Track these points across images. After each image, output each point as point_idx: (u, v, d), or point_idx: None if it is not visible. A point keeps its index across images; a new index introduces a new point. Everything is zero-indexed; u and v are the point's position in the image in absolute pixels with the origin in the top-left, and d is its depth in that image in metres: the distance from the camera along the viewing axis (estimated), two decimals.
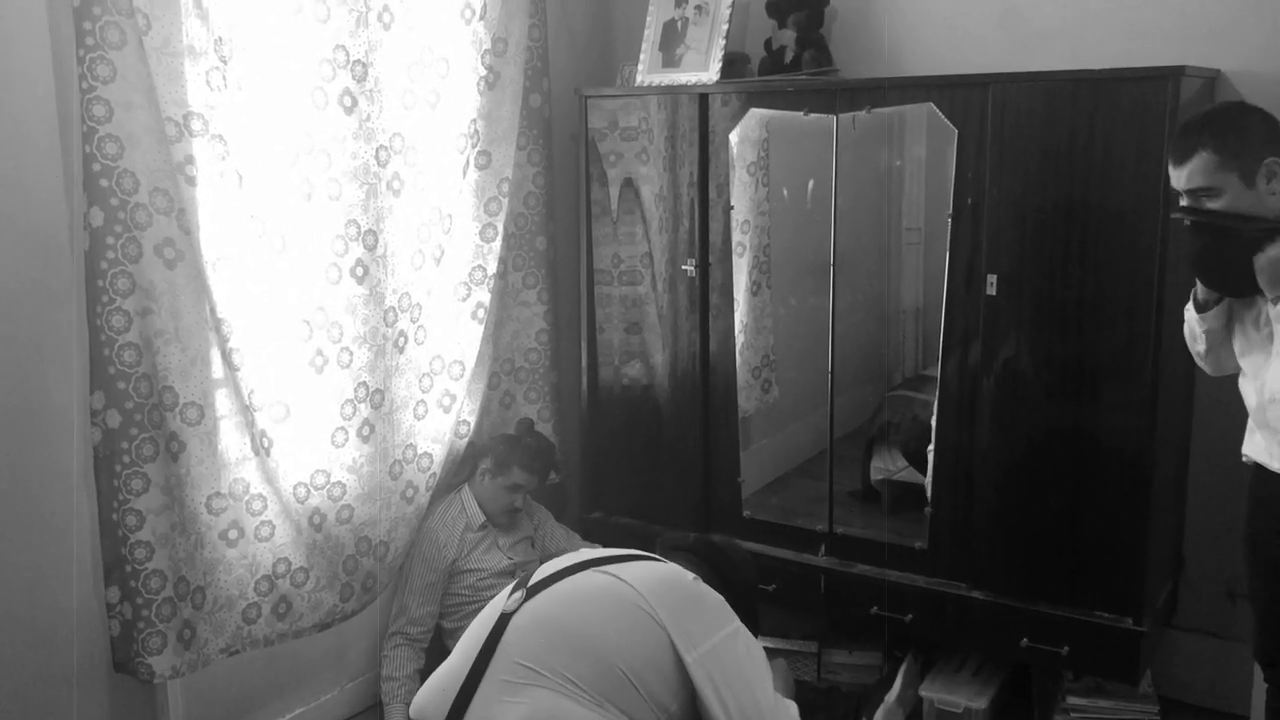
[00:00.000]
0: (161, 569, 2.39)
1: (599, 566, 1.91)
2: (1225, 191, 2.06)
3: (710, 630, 1.84)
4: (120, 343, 2.29)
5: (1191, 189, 2.10)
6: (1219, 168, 2.06)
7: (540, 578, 1.93)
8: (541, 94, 3.19)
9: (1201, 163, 2.07)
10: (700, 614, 1.85)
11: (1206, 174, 2.07)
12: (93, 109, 2.20)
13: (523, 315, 3.28)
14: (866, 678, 3.10)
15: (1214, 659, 2.90)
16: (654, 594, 1.83)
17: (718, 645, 1.82)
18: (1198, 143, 2.08)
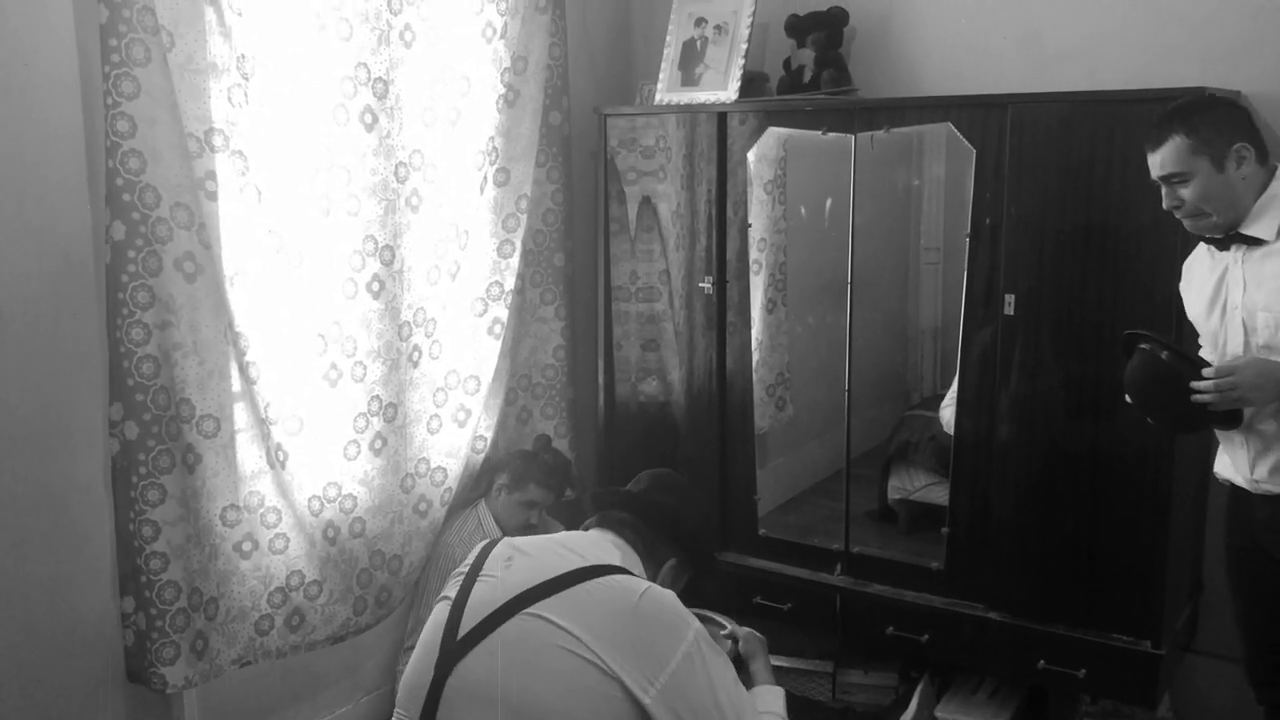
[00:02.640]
0: (176, 580, 2.41)
1: (532, 606, 1.72)
2: (1196, 176, 2.12)
3: (666, 657, 1.68)
4: (139, 355, 2.31)
5: (1165, 175, 2.16)
6: (1190, 152, 2.12)
7: (469, 627, 1.74)
8: (561, 112, 3.21)
9: (1174, 148, 2.13)
10: (652, 642, 1.69)
11: (1179, 159, 2.13)
12: (117, 124, 2.23)
13: (540, 331, 3.29)
14: (882, 698, 3.08)
15: (1233, 683, 2.85)
16: (598, 636, 1.67)
17: (676, 671, 1.67)
18: (1170, 129, 2.14)
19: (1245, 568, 2.33)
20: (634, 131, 3.17)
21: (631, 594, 1.72)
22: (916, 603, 2.86)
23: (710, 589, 3.03)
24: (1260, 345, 2.13)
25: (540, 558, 1.79)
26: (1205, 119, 2.13)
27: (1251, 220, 2.14)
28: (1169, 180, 2.16)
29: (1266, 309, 2.11)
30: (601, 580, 1.74)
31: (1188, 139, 2.12)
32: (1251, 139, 2.14)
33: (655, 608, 1.71)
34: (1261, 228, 2.13)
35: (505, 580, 1.77)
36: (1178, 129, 2.13)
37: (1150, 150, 2.18)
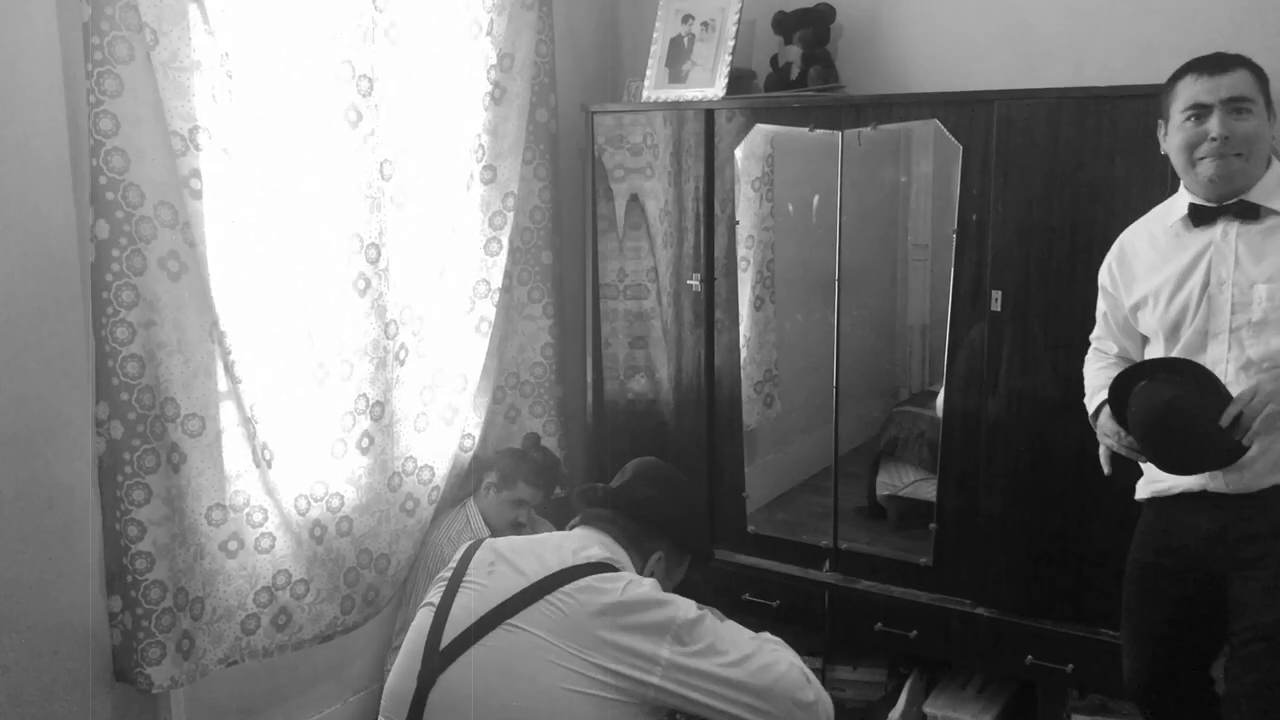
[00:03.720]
0: (162, 579, 2.40)
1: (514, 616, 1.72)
2: (1254, 114, 2.05)
3: (658, 637, 1.69)
4: (124, 354, 2.31)
5: (1232, 98, 2.04)
6: (1255, 86, 2.06)
7: (451, 638, 1.74)
8: (548, 109, 3.21)
9: (1242, 76, 2.05)
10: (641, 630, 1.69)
11: (1249, 86, 2.05)
12: (100, 123, 2.22)
13: (528, 329, 3.29)
14: (871, 694, 3.09)
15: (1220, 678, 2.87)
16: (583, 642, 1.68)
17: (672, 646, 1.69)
18: (1236, 60, 2.07)
19: (1160, 586, 2.26)
20: (621, 129, 3.17)
21: (611, 591, 1.72)
22: (905, 599, 2.87)
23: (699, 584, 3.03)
24: (1254, 321, 2.06)
25: (522, 563, 1.79)
26: (1259, 68, 2.09)
27: (1262, 194, 2.07)
28: (1234, 105, 2.04)
29: (1270, 280, 2.03)
30: (582, 583, 1.73)
31: (1253, 75, 2.06)
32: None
33: (635, 599, 1.72)
34: (1276, 201, 2.06)
35: (487, 589, 1.77)
36: (1244, 64, 2.06)
37: (1209, 74, 2.06)
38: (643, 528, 1.93)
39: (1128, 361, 2.31)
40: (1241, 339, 2.07)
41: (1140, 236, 2.25)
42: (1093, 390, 2.33)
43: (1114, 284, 2.29)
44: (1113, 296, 2.30)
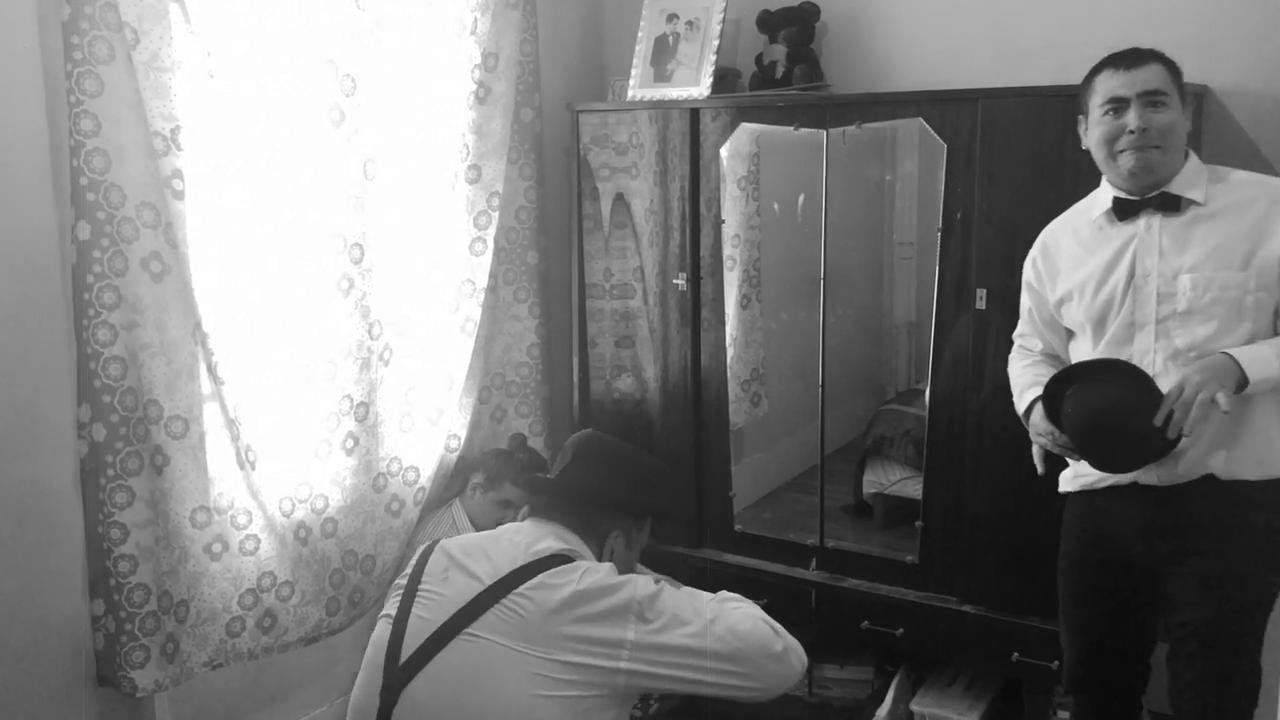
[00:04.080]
0: (145, 582, 2.38)
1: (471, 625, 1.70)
2: (1171, 105, 2.10)
3: (620, 622, 1.68)
4: (106, 356, 2.29)
5: (1148, 91, 2.09)
6: (1169, 80, 2.11)
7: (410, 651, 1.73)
8: (533, 108, 3.20)
9: (1157, 70, 2.10)
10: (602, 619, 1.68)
11: (1163, 79, 2.10)
12: (80, 123, 2.21)
13: (514, 329, 3.28)
14: (858, 692, 3.09)
15: None
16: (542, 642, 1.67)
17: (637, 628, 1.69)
18: (1150, 55, 2.12)
19: (1094, 580, 2.30)
20: (606, 128, 3.16)
21: (566, 585, 1.71)
22: (891, 596, 2.87)
23: None
24: (1179, 312, 2.10)
25: (474, 566, 1.77)
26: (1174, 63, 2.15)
27: (1182, 185, 2.12)
28: (1150, 98, 2.08)
29: (1194, 270, 2.08)
30: (535, 581, 1.72)
31: (1167, 70, 2.10)
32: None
33: (591, 587, 1.71)
34: (1195, 191, 2.11)
35: (443, 597, 1.75)
36: (1158, 58, 2.11)
37: (1125, 69, 2.11)
38: (591, 510, 1.89)
39: (1053, 357, 2.36)
40: (1168, 329, 2.12)
41: (1064, 231, 2.29)
42: (1021, 388, 2.36)
43: (1038, 279, 2.33)
44: (1037, 292, 2.34)
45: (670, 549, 3.17)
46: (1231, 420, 2.06)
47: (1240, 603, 2.12)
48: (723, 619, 1.75)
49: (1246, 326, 2.07)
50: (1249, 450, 2.10)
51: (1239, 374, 2.00)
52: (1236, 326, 2.07)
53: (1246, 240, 2.07)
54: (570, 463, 1.96)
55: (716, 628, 1.73)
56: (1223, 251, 2.08)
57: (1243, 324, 2.07)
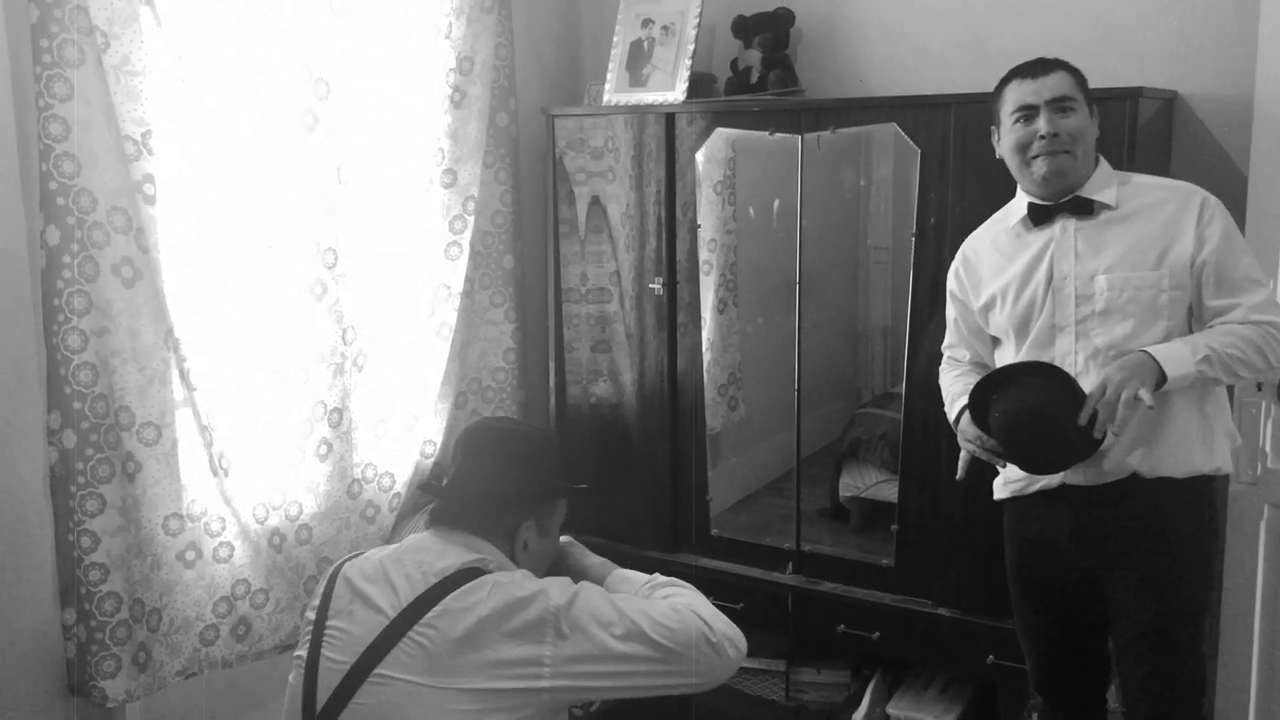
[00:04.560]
0: (117, 591, 2.36)
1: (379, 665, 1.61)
2: (1078, 110, 2.15)
3: (538, 639, 1.59)
4: (76, 362, 2.27)
5: (1054, 98, 2.14)
6: (1074, 87, 2.16)
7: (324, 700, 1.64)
8: (508, 113, 3.19)
9: (1062, 77, 2.16)
10: (518, 637, 1.59)
11: (1069, 86, 2.15)
12: (49, 127, 2.19)
13: (490, 334, 3.27)
14: (834, 696, 3.09)
15: None
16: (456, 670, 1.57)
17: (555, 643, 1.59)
18: (1055, 63, 2.17)
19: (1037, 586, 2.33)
20: (582, 132, 3.16)
21: (472, 608, 1.60)
22: (867, 600, 2.88)
23: None
24: (1097, 312, 2.14)
25: (377, 596, 1.67)
26: (1080, 71, 2.19)
27: (1093, 189, 2.17)
28: (1057, 104, 2.13)
29: (1109, 271, 2.13)
30: (440, 608, 1.61)
31: (1072, 77, 2.16)
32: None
33: (499, 606, 1.60)
34: (1106, 195, 2.16)
35: (349, 635, 1.66)
36: (1063, 66, 2.17)
37: (1032, 77, 2.16)
38: (492, 508, 1.76)
39: (980, 366, 2.40)
40: (1088, 330, 2.16)
41: (983, 242, 2.34)
42: (952, 398, 2.39)
43: (962, 289, 2.38)
44: (961, 302, 2.39)
45: (646, 553, 3.17)
46: (1152, 418, 2.10)
47: (1178, 602, 2.15)
48: (647, 614, 1.65)
49: (1162, 324, 2.12)
50: (1170, 447, 2.13)
51: (1158, 371, 2.04)
52: (1152, 324, 2.12)
53: (1158, 241, 2.12)
54: (459, 465, 1.81)
55: (644, 624, 1.63)
56: (1136, 252, 2.13)
57: (1158, 322, 2.12)
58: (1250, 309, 2.10)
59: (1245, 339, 2.07)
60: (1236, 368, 2.08)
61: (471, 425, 1.90)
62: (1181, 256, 2.11)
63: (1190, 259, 2.11)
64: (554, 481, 1.84)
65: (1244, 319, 2.09)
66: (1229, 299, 2.11)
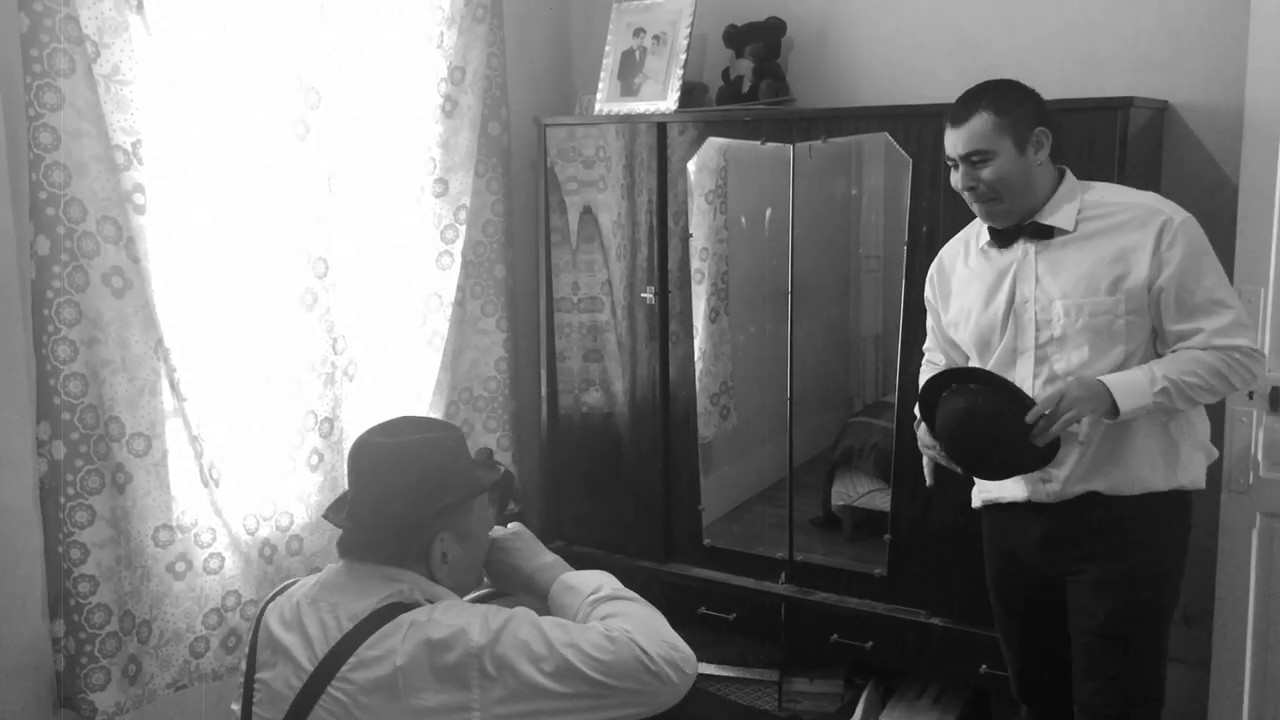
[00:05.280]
0: (106, 603, 2.35)
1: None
2: (999, 156, 2.10)
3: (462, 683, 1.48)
4: (66, 373, 2.26)
5: (967, 153, 2.11)
6: (996, 130, 2.09)
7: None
8: (500, 122, 3.19)
9: (981, 124, 2.10)
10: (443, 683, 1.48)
11: (984, 136, 2.10)
12: (39, 136, 2.18)
13: (482, 343, 3.26)
14: (828, 705, 3.09)
15: (1174, 684, 2.90)
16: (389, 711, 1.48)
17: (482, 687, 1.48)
18: (978, 105, 2.11)
19: (1010, 594, 2.35)
20: (574, 141, 3.16)
21: (387, 657, 1.49)
22: (860, 609, 2.87)
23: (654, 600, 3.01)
24: (1055, 338, 2.13)
25: (294, 647, 1.56)
26: (1014, 98, 2.13)
27: (1050, 211, 2.14)
28: (970, 159, 2.12)
29: (1065, 297, 2.11)
30: (354, 659, 1.50)
31: (996, 116, 2.09)
32: (1050, 126, 2.14)
33: (416, 651, 1.49)
34: (1060, 219, 2.13)
35: (271, 693, 1.57)
36: (986, 105, 2.10)
37: (952, 126, 2.14)
38: (397, 532, 1.61)
39: None
40: (1047, 354, 2.16)
41: (956, 253, 2.34)
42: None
43: (935, 297, 2.39)
44: (935, 310, 2.40)
45: (639, 563, 3.16)
46: (1113, 440, 2.11)
47: (1136, 607, 2.15)
48: (578, 646, 1.52)
49: (1119, 349, 2.10)
50: (1129, 468, 2.13)
51: (1111, 403, 2.04)
52: (1109, 350, 2.10)
53: (1114, 265, 2.09)
54: (359, 491, 1.66)
55: (571, 659, 1.50)
56: (1092, 277, 2.10)
57: (1115, 347, 2.10)
58: (1213, 333, 2.06)
59: (1205, 365, 2.05)
60: (1196, 395, 2.06)
61: (355, 444, 1.67)
62: (1138, 281, 2.07)
63: (1148, 283, 2.07)
64: (460, 484, 1.64)
65: (1205, 344, 2.06)
66: (1189, 323, 2.08)
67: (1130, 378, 2.06)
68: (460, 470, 1.66)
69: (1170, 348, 2.10)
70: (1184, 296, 2.07)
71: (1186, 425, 2.16)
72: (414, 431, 1.66)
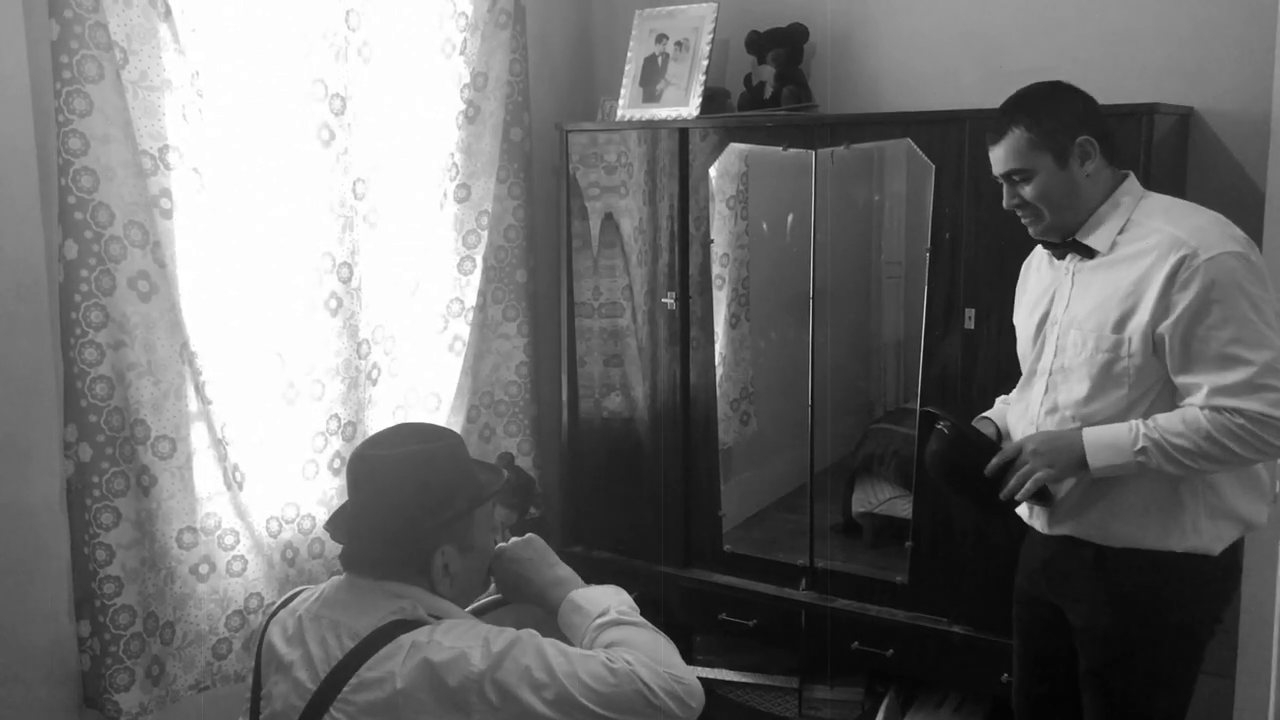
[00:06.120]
0: (131, 604, 2.37)
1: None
2: (1039, 173, 1.99)
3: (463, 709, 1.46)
4: (92, 376, 2.28)
5: (1006, 172, 2.03)
6: (1031, 146, 1.98)
7: None
8: (522, 128, 3.20)
9: (1015, 141, 1.99)
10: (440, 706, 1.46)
11: (1020, 154, 1.99)
12: (69, 142, 2.20)
13: (503, 348, 3.27)
14: (848, 714, 3.08)
15: (1197, 695, 2.88)
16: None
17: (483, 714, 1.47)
18: (1011, 121, 2.01)
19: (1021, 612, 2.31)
20: (596, 147, 3.17)
21: (387, 679, 1.47)
22: (881, 617, 2.86)
23: (674, 607, 3.01)
24: (1064, 366, 2.04)
25: (296, 667, 1.55)
26: (1049, 109, 1.99)
27: (1089, 229, 2.02)
28: (1010, 178, 2.03)
29: (1078, 326, 2.01)
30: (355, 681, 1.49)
31: (1029, 132, 1.98)
32: (1098, 134, 2.00)
33: (416, 674, 1.47)
34: (1097, 238, 2.01)
35: (276, 713, 1.56)
36: (1019, 120, 1.99)
37: (991, 145, 2.05)
38: (397, 545, 1.59)
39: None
40: (1055, 382, 2.08)
41: (1036, 257, 2.25)
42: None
43: (1018, 295, 2.31)
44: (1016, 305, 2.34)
45: (658, 569, 3.16)
46: (1098, 490, 2.01)
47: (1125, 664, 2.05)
48: (579, 677, 1.49)
49: (1121, 394, 1.96)
50: (1114, 523, 2.02)
51: (1080, 458, 1.94)
52: (1110, 391, 1.98)
53: (1127, 299, 1.94)
54: (352, 499, 1.64)
55: (572, 690, 1.48)
56: (1104, 310, 1.98)
57: (1116, 390, 1.97)
58: (1214, 391, 1.86)
59: (1198, 428, 1.86)
60: (1188, 460, 1.87)
61: (352, 456, 1.63)
62: (1141, 322, 1.91)
63: (1150, 327, 1.90)
64: (462, 494, 1.61)
65: (1205, 403, 1.87)
66: (1190, 377, 1.89)
67: (1111, 432, 1.93)
68: (461, 480, 1.63)
69: (1180, 403, 1.94)
70: (1190, 345, 1.88)
71: (1204, 488, 1.97)
72: (413, 442, 1.62)
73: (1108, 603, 2.06)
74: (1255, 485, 2.03)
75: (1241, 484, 2.00)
